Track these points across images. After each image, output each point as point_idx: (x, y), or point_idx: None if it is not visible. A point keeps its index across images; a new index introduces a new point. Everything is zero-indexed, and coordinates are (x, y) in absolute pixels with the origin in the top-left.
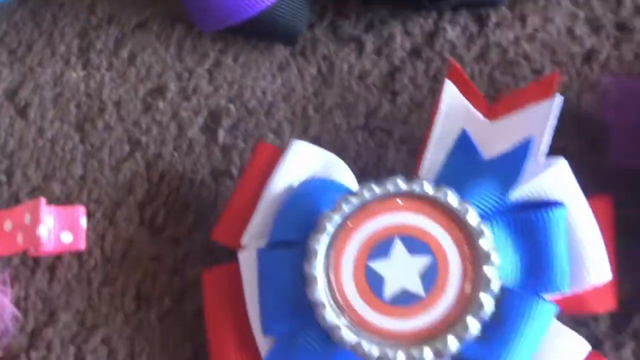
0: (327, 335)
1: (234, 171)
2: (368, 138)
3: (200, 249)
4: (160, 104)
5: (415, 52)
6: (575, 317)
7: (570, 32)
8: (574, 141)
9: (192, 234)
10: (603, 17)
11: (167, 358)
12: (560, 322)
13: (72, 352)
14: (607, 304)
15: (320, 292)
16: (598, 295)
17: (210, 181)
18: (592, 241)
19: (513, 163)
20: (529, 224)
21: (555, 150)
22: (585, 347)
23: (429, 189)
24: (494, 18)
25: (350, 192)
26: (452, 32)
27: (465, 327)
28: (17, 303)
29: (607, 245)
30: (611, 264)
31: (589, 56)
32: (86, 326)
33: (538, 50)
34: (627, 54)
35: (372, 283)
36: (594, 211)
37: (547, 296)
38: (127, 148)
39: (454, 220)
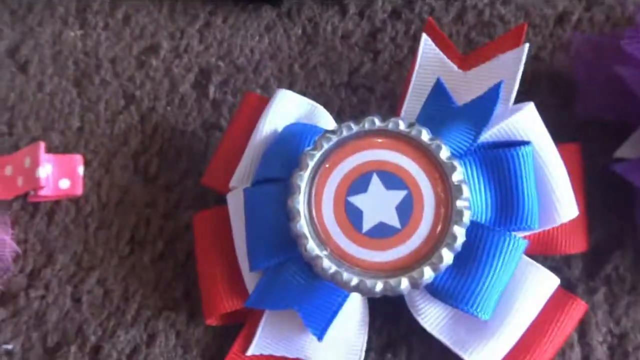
0: (310, 269)
1: (224, 124)
2: (351, 94)
3: (191, 196)
4: (154, 62)
5: (395, 14)
6: (549, 262)
7: None
8: (548, 98)
9: (184, 182)
10: None
11: (160, 297)
12: None
13: (69, 291)
14: (578, 245)
15: (303, 225)
16: (569, 236)
17: (201, 133)
18: (559, 179)
19: (484, 106)
20: (499, 161)
21: None
22: (554, 280)
23: (402, 126)
24: None
25: (330, 131)
26: None
27: (440, 258)
28: (17, 245)
29: (576, 189)
30: (581, 207)
31: (561, 18)
32: (83, 267)
33: (512, 12)
34: (597, 16)
35: (351, 216)
36: (563, 157)
37: (520, 234)
38: (122, 102)
39: (427, 156)
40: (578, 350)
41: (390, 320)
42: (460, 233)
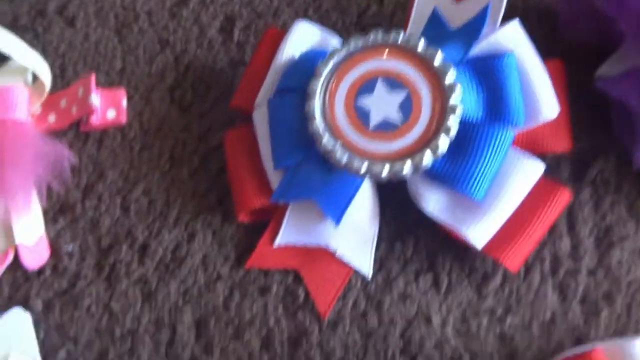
0: (325, 164)
1: (247, 60)
2: (360, 33)
3: (220, 122)
4: (184, 12)
5: None
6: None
7: None
8: (536, 29)
9: (214, 110)
10: None
11: (197, 204)
12: None
13: (118, 201)
14: (562, 144)
15: (319, 124)
16: (554, 134)
17: (228, 69)
18: (541, 82)
19: (474, 26)
20: (486, 68)
21: None
22: (540, 166)
23: (402, 37)
24: None
25: (341, 45)
26: None
27: (437, 144)
28: (71, 166)
29: (560, 97)
30: (564, 110)
31: None
32: (129, 181)
33: None
34: None
35: (360, 115)
36: (547, 71)
37: None
38: (158, 46)
39: (424, 63)
40: (567, 241)
41: (398, 214)
42: (454, 124)
